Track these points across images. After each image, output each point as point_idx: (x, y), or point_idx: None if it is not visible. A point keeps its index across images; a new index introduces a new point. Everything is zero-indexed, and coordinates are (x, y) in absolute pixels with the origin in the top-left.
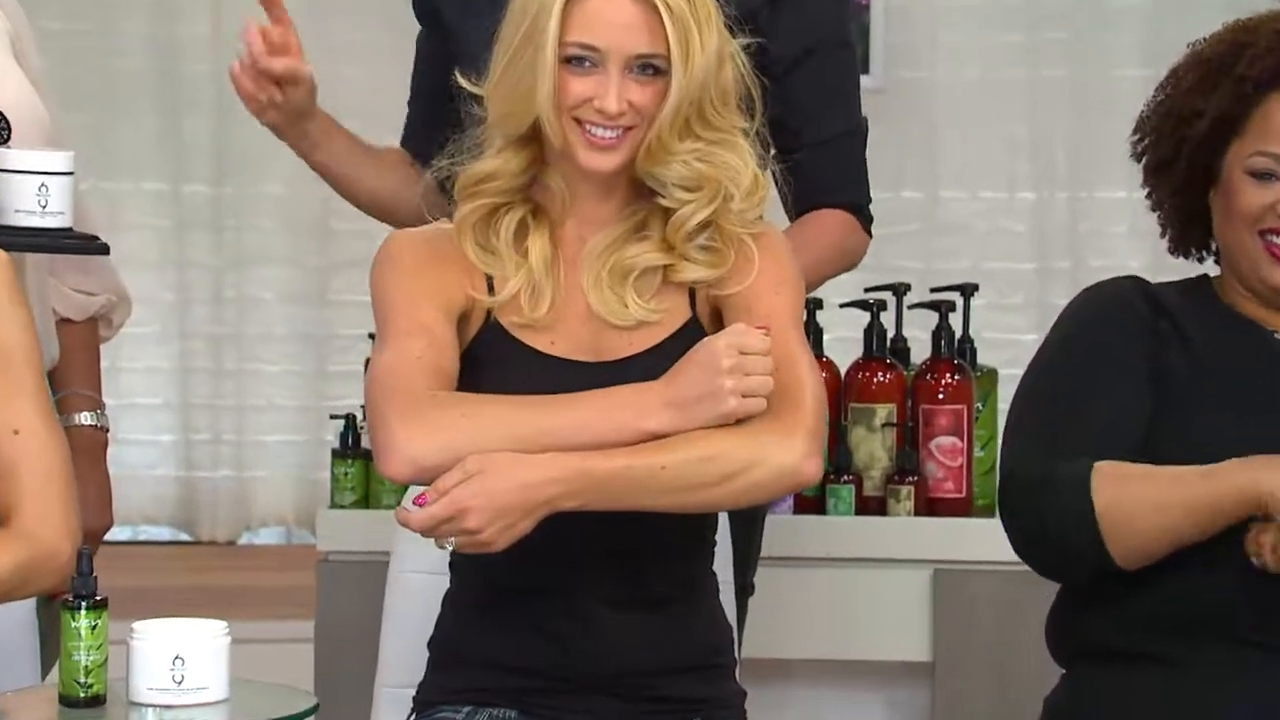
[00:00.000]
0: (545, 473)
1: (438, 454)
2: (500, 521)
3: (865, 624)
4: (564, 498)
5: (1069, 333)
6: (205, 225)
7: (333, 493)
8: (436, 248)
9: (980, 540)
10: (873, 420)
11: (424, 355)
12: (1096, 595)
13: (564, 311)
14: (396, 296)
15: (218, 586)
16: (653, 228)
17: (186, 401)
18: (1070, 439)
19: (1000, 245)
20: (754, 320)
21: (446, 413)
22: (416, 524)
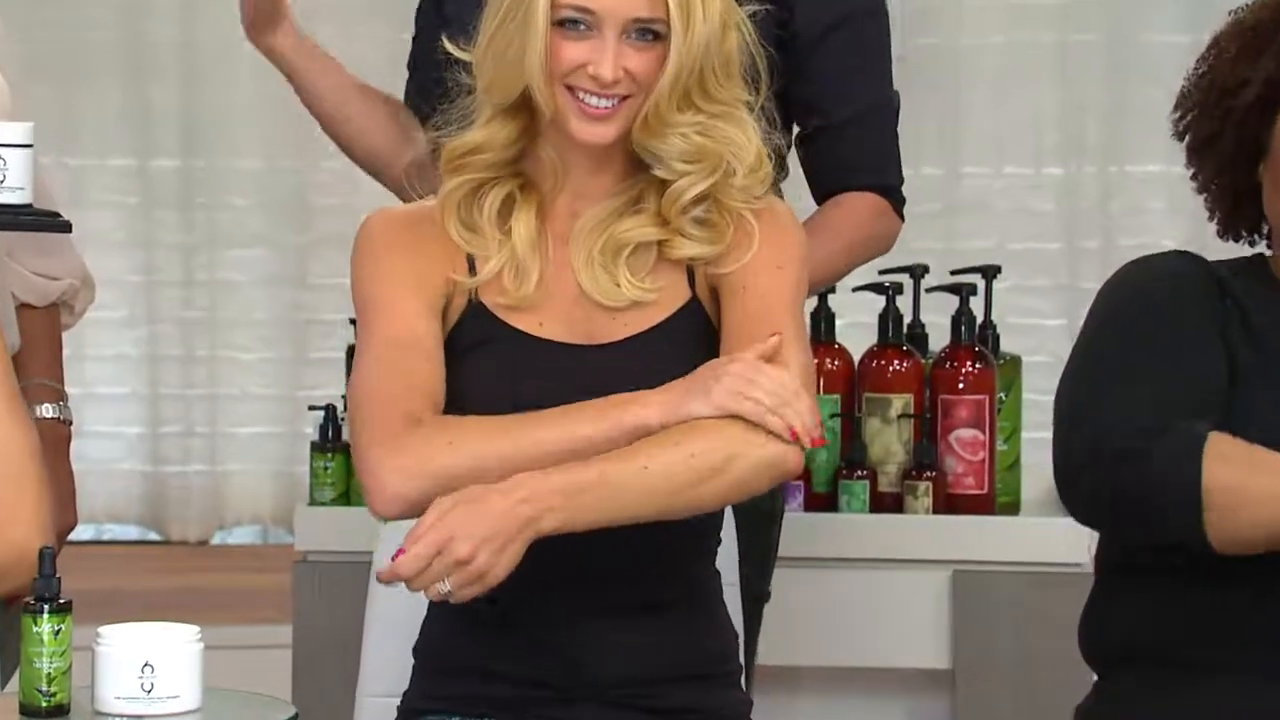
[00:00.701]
0: (515, 493)
1: (425, 488)
2: (488, 546)
3: (880, 629)
4: (544, 515)
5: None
6: (174, 202)
7: (311, 489)
8: (418, 230)
9: (1003, 539)
10: (888, 411)
11: (406, 369)
12: (1136, 595)
13: (553, 291)
14: (375, 292)
15: (189, 589)
16: (648, 201)
17: (155, 391)
18: (1168, 400)
19: (1025, 224)
20: (748, 301)
21: (430, 442)
22: (406, 570)
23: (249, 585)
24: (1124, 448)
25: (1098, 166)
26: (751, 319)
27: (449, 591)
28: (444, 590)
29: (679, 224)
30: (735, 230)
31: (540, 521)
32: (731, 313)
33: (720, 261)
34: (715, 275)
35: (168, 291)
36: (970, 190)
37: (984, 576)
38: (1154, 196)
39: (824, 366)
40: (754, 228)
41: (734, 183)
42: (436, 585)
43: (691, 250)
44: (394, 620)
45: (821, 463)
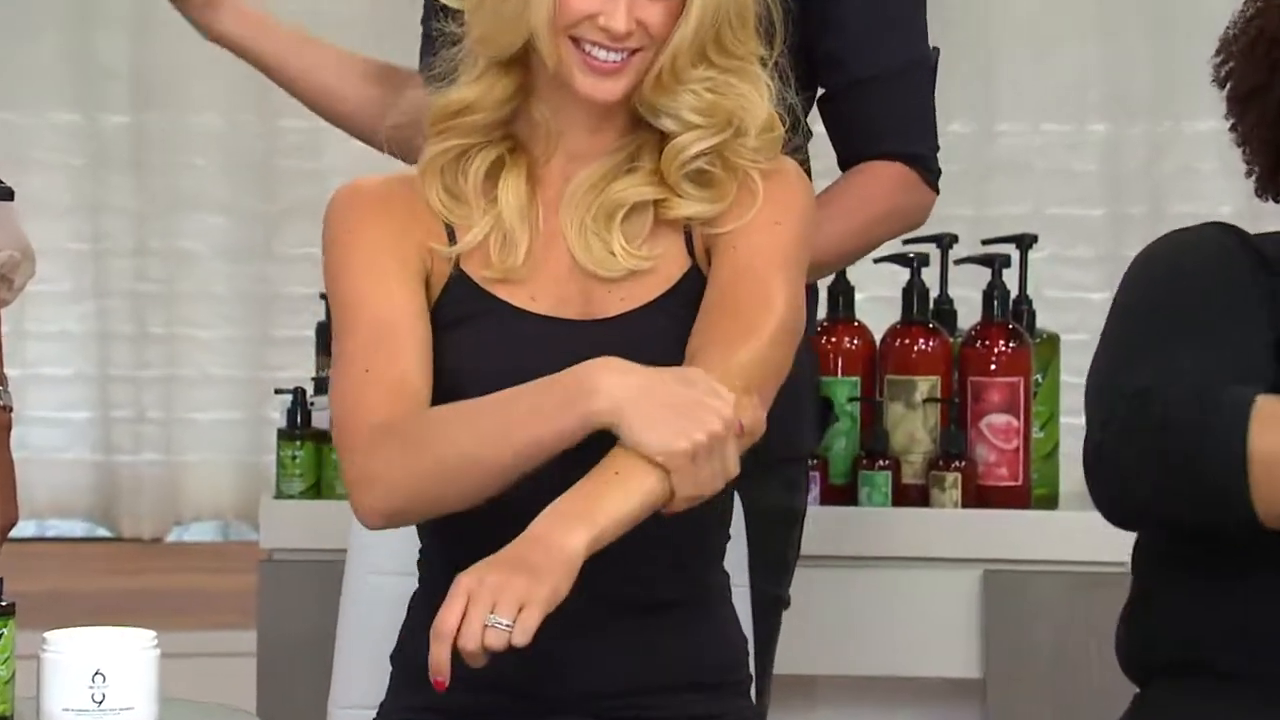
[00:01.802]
0: (547, 579)
1: (396, 505)
2: (539, 591)
3: (904, 634)
4: (566, 580)
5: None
6: (125, 163)
7: (278, 480)
8: (397, 201)
9: (1039, 536)
10: (913, 395)
11: (383, 366)
12: (1178, 600)
13: (545, 262)
14: (349, 280)
15: (143, 590)
16: (645, 159)
17: (104, 372)
18: (1211, 368)
19: (1066, 187)
20: (737, 258)
21: (401, 452)
22: (471, 648)
23: (209, 586)
24: (1165, 415)
25: (1145, 123)
26: (739, 276)
27: (508, 624)
28: (501, 623)
29: (677, 181)
30: (739, 189)
31: (562, 591)
32: (719, 269)
33: (718, 221)
34: (711, 235)
35: (118, 262)
36: (1004, 150)
37: (1018, 577)
38: (1207, 156)
39: (842, 345)
40: (759, 187)
41: (745, 143)
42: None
43: (690, 209)
44: (369, 625)
45: (839, 452)
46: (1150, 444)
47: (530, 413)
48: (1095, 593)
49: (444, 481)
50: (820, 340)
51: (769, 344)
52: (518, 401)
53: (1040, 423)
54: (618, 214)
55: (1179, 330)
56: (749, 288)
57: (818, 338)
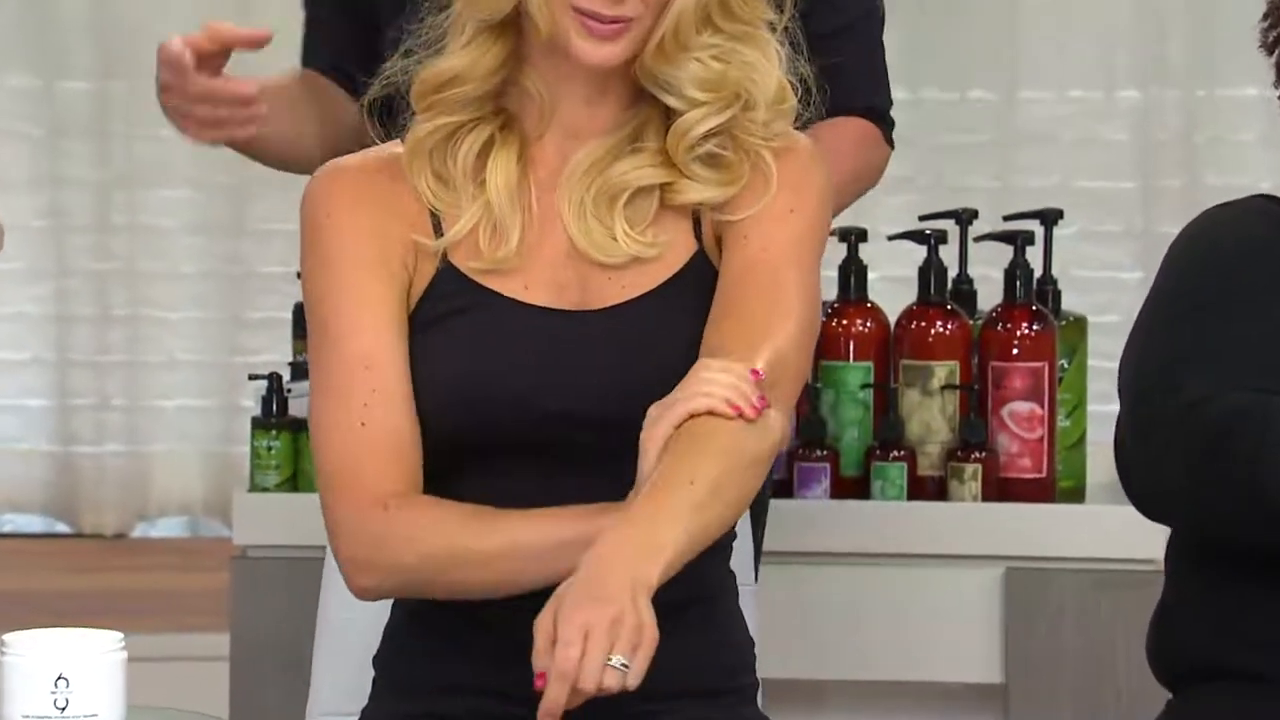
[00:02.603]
0: (647, 618)
1: (385, 587)
2: (648, 631)
3: (920, 637)
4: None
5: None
6: (87, 132)
7: (252, 472)
8: (381, 188)
9: (1065, 531)
10: (930, 381)
11: (375, 414)
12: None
13: (539, 249)
14: (336, 294)
15: (106, 590)
16: (649, 137)
17: (63, 357)
18: (1260, 357)
19: (1094, 159)
20: (749, 248)
21: (393, 536)
22: (591, 689)
23: (177, 586)
24: (1217, 426)
25: (1181, 89)
26: (746, 271)
27: (625, 665)
28: (621, 664)
29: (685, 164)
30: (752, 171)
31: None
32: (730, 261)
33: (729, 207)
34: (721, 222)
35: (78, 238)
36: (1028, 118)
37: (1042, 575)
38: (1247, 125)
39: (854, 329)
40: (772, 170)
41: (754, 117)
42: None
43: (699, 194)
44: (351, 626)
45: (851, 442)
46: (1198, 457)
47: (547, 518)
48: (1124, 592)
49: (432, 579)
50: (830, 323)
51: (787, 347)
52: (536, 514)
53: (1066, 411)
54: (621, 197)
55: (1221, 317)
56: (763, 285)
57: (827, 321)
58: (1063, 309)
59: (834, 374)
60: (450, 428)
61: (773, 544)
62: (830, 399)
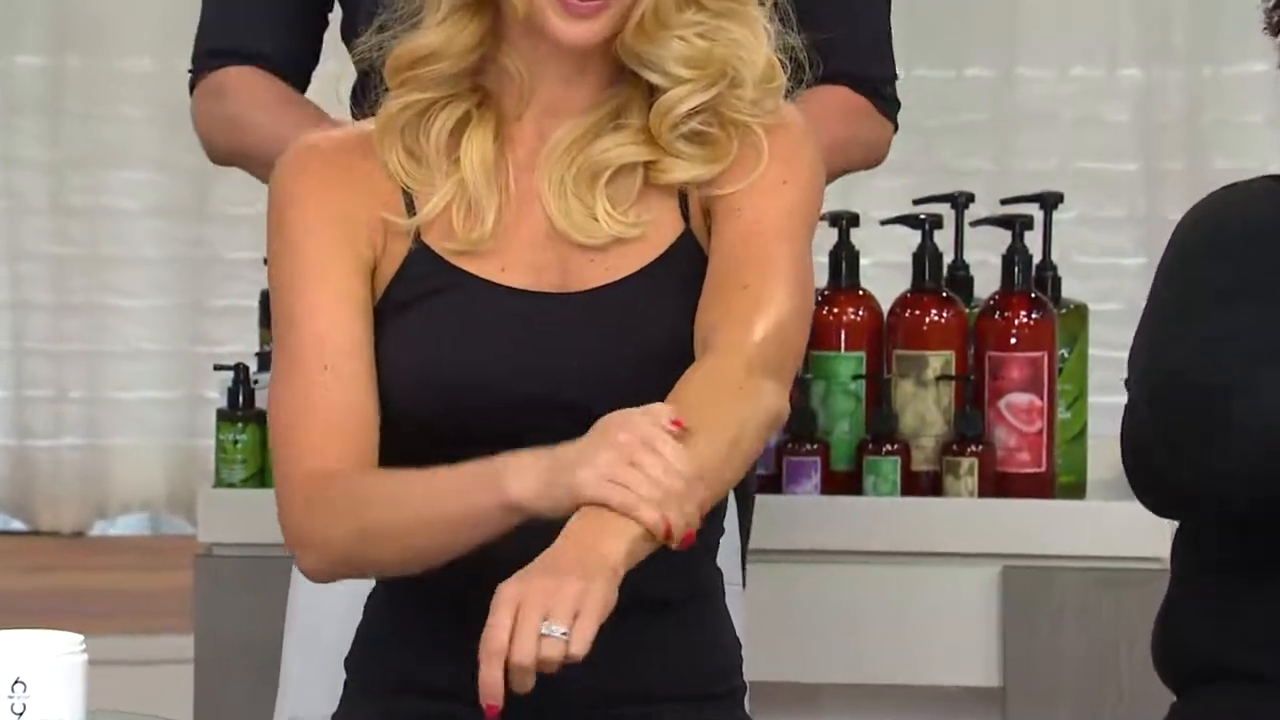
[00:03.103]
0: (599, 584)
1: (329, 569)
2: (593, 596)
3: (914, 638)
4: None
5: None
6: (42, 109)
7: (218, 466)
8: (353, 168)
9: (1065, 528)
10: (924, 372)
11: (328, 393)
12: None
13: (517, 229)
14: (299, 277)
15: (64, 590)
16: (632, 115)
17: (18, 346)
18: (1263, 338)
19: (1095, 140)
20: (739, 223)
21: (334, 513)
22: (526, 662)
23: (138, 585)
24: (1210, 381)
25: (1185, 68)
26: (740, 244)
27: (564, 633)
28: (557, 631)
29: (670, 142)
30: (741, 145)
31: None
32: (722, 235)
33: (719, 181)
34: (710, 198)
35: (33, 222)
36: (1027, 98)
37: (1041, 574)
38: (1254, 105)
39: (845, 317)
40: (763, 143)
41: (741, 95)
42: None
43: (685, 172)
44: (321, 627)
45: (842, 436)
46: (1192, 421)
47: (449, 500)
48: (1128, 592)
49: (377, 550)
50: (821, 311)
51: (783, 322)
52: (436, 498)
53: (1066, 402)
54: (602, 176)
55: (1226, 301)
56: (757, 257)
57: (817, 309)
58: (1063, 296)
59: (825, 364)
60: (422, 415)
61: (761, 542)
62: (821, 390)
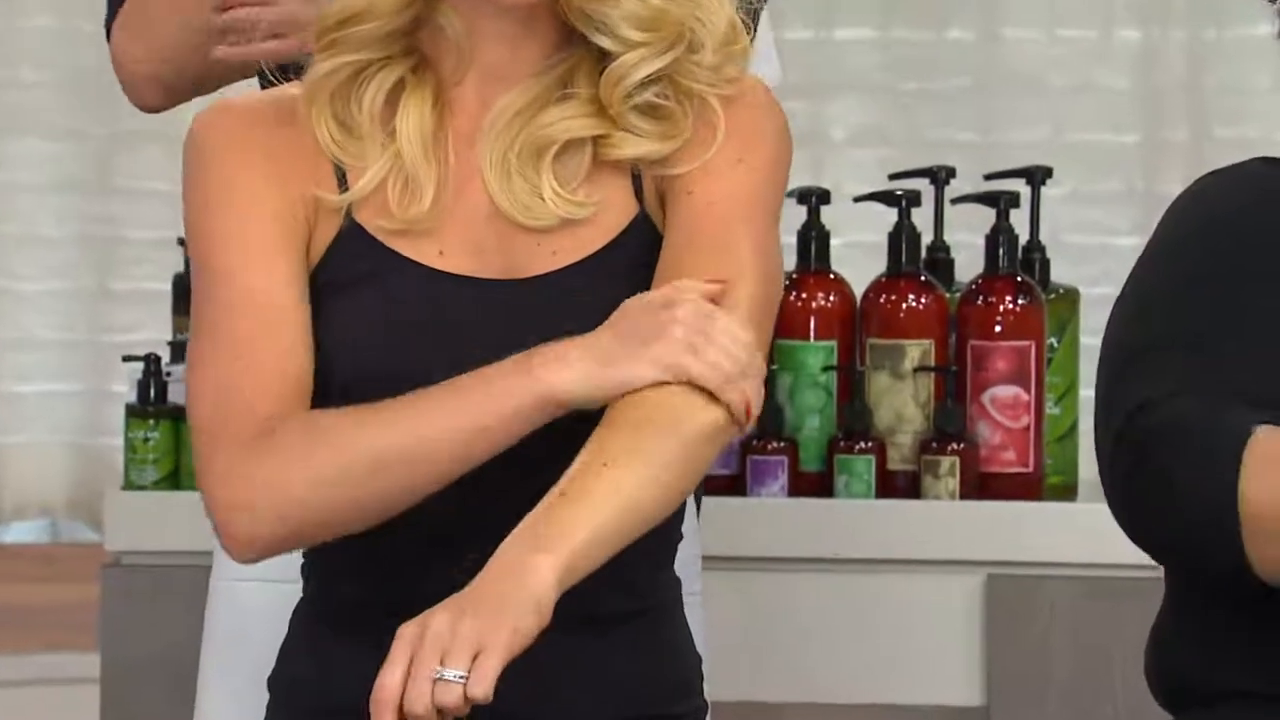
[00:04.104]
0: (507, 616)
1: (278, 530)
2: (497, 632)
3: (890, 653)
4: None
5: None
6: None
7: (126, 468)
8: (275, 133)
9: (1054, 533)
10: (901, 363)
11: (257, 347)
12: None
13: (456, 208)
14: (220, 240)
15: None
16: (580, 83)
17: None
18: (1230, 378)
19: (1089, 108)
20: (695, 205)
21: (283, 463)
22: (420, 712)
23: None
24: (1153, 433)
25: (1187, 30)
26: (696, 229)
27: (460, 676)
28: (450, 675)
29: (621, 114)
30: (696, 120)
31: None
32: (674, 221)
33: (672, 160)
34: (663, 178)
35: None
36: (1013, 61)
37: (1028, 583)
38: (1261, 69)
39: (814, 303)
40: (719, 118)
41: (699, 60)
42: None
43: (637, 148)
44: (241, 643)
45: (811, 433)
46: (1132, 466)
47: (469, 401)
48: (1122, 602)
49: (352, 493)
50: (788, 297)
51: (744, 318)
52: (452, 393)
53: (1056, 396)
54: (548, 151)
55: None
56: (712, 245)
57: (784, 294)
58: (1052, 280)
59: (792, 354)
60: None
61: (722, 547)
62: (787, 383)
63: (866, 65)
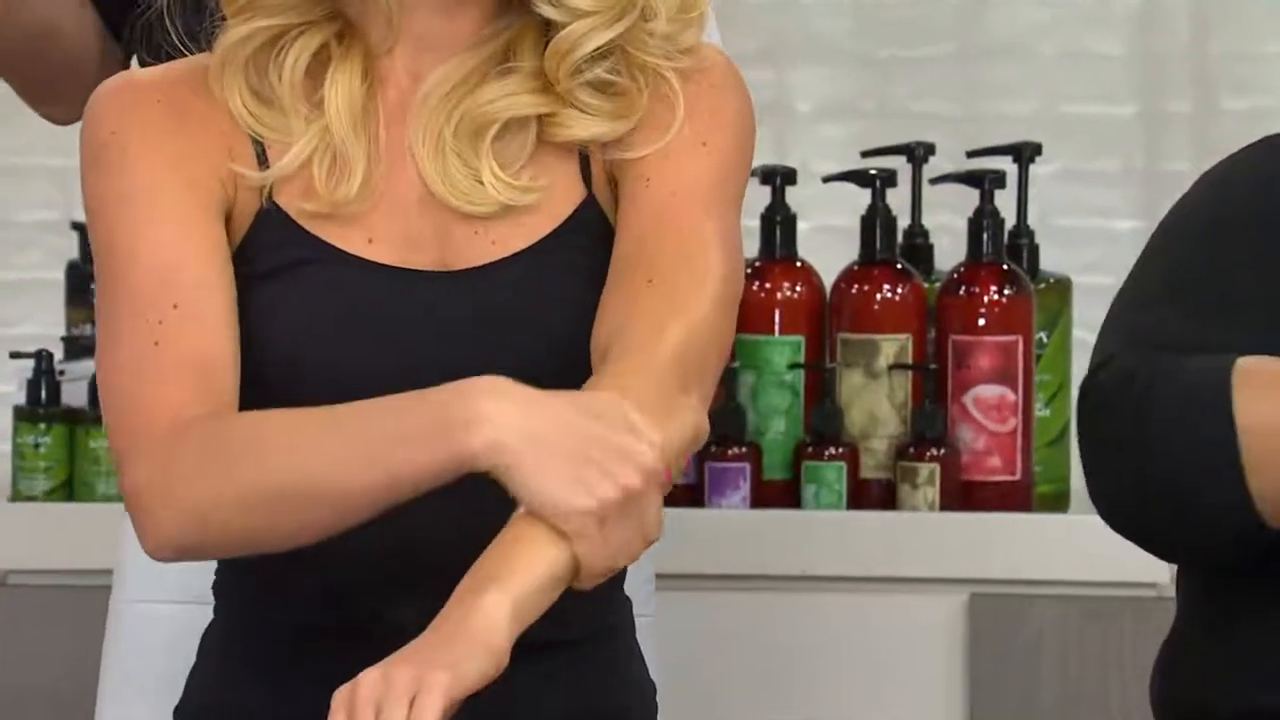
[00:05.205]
0: (446, 656)
1: (193, 532)
2: (436, 672)
3: (864, 678)
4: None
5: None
6: None
7: (15, 477)
8: (186, 104)
9: (1043, 547)
10: (875, 360)
11: (174, 332)
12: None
13: (386, 192)
14: (127, 213)
15: None
16: (523, 56)
17: None
18: (1210, 326)
19: (1082, 77)
20: (653, 194)
21: (202, 461)
22: None
23: None
24: (1135, 401)
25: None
26: (650, 223)
27: None
28: None
29: (569, 90)
30: (651, 98)
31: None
32: (629, 212)
33: (625, 142)
34: (616, 162)
35: None
36: (999, 26)
37: (1015, 603)
38: (1274, 33)
39: (779, 294)
40: (677, 94)
41: (654, 29)
42: None
43: (587, 128)
44: (143, 668)
45: (776, 437)
46: (1113, 446)
47: (391, 439)
48: (1120, 624)
49: (263, 515)
50: (750, 287)
51: (706, 319)
52: (375, 421)
53: (1046, 396)
54: (488, 130)
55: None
56: (672, 239)
57: (746, 284)
58: (1041, 268)
59: (755, 350)
60: None
61: (677, 564)
62: (750, 382)
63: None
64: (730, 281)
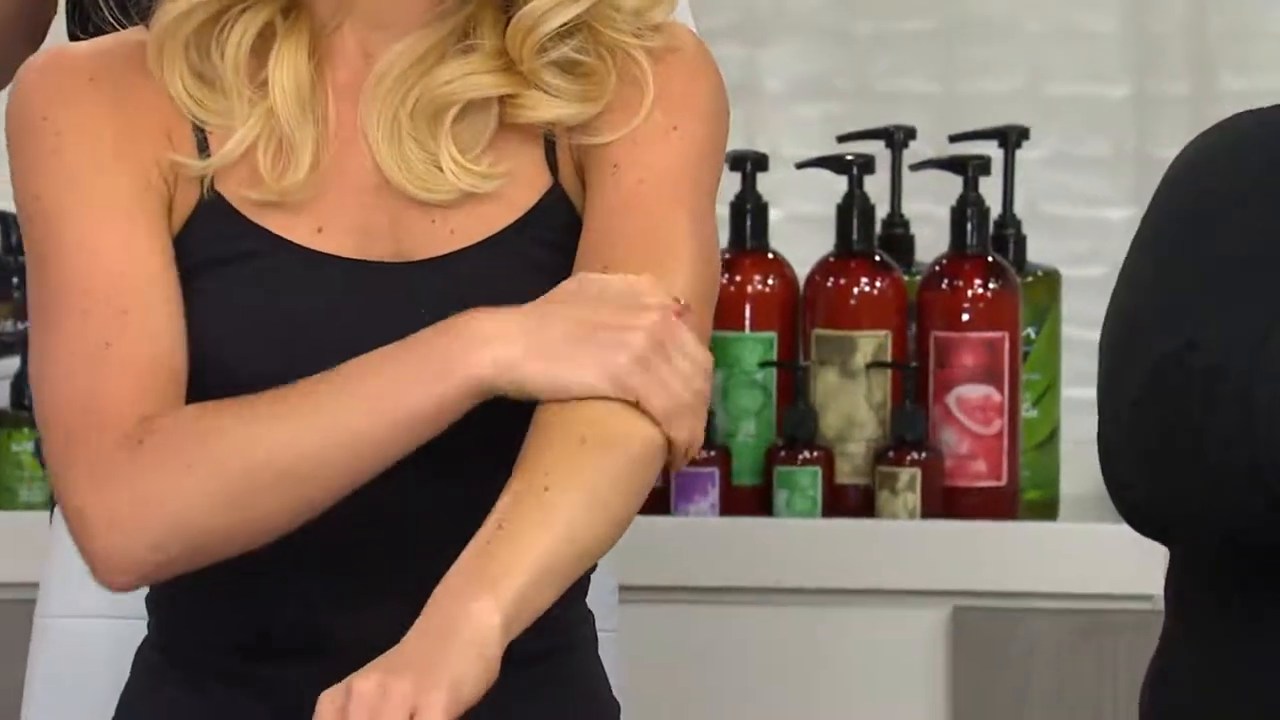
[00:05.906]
0: (442, 667)
1: (186, 539)
2: (432, 687)
3: (841, 696)
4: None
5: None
6: None
7: None
8: (121, 85)
9: (1031, 558)
10: (851, 358)
11: (119, 334)
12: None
13: (337, 178)
14: (65, 206)
15: None
16: (484, 33)
17: None
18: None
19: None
20: (621, 180)
21: (161, 470)
22: None
23: None
24: (1213, 367)
25: None
26: (624, 210)
27: None
28: None
29: (533, 70)
30: (619, 79)
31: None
32: (596, 200)
33: (592, 127)
34: (583, 147)
35: None
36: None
37: (1002, 616)
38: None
39: (750, 288)
40: (646, 75)
41: (620, 3)
42: None
43: (552, 110)
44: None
45: (747, 441)
46: (1183, 412)
47: (392, 386)
48: (1112, 638)
49: (252, 504)
50: None
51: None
52: (369, 373)
53: (1034, 396)
54: (447, 113)
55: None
56: (641, 230)
57: None
58: (1028, 260)
59: (724, 348)
60: None
61: (642, 575)
62: (719, 381)
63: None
64: (704, 275)
